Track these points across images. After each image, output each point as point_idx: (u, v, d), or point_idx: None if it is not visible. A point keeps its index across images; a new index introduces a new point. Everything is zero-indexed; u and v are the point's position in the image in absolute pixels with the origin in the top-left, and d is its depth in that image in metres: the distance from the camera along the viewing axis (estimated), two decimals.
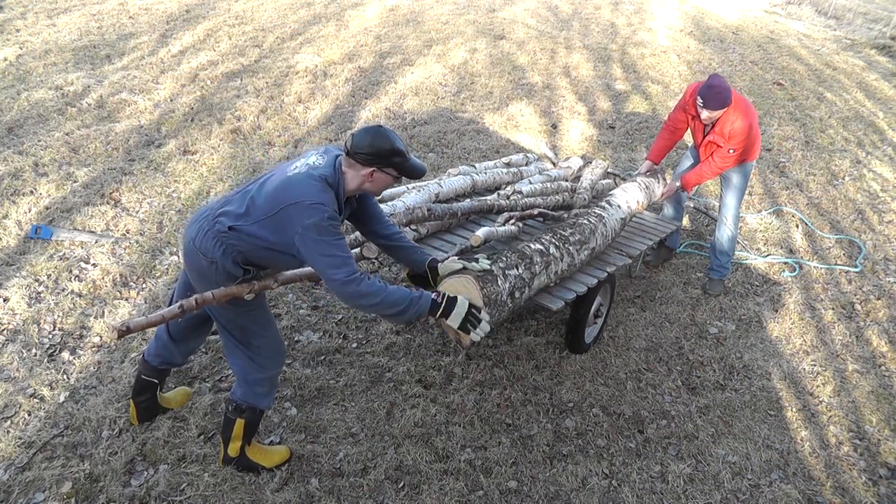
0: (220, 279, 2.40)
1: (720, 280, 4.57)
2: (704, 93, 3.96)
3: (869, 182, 6.38)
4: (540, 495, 2.92)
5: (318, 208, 2.26)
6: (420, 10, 9.94)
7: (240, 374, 2.67)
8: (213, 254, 2.36)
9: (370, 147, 2.33)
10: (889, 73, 10.07)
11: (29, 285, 3.79)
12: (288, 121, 6.22)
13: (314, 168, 2.37)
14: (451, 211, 3.37)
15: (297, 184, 2.32)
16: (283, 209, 2.28)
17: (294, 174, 2.36)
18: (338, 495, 2.80)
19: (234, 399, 2.70)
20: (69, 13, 8.37)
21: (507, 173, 4.26)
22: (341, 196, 2.39)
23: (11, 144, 5.22)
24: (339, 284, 2.29)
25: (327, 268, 2.28)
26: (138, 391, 2.97)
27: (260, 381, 2.67)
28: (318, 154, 2.44)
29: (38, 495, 2.65)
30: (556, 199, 4.05)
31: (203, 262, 2.39)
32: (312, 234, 2.25)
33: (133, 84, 6.52)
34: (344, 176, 2.39)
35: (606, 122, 7.01)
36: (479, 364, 3.63)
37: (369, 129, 2.37)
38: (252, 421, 2.75)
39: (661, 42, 9.87)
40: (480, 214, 3.68)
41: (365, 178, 2.39)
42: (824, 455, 3.31)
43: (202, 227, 2.39)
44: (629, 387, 3.62)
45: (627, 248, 3.82)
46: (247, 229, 2.33)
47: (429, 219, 3.32)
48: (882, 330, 4.31)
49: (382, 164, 2.37)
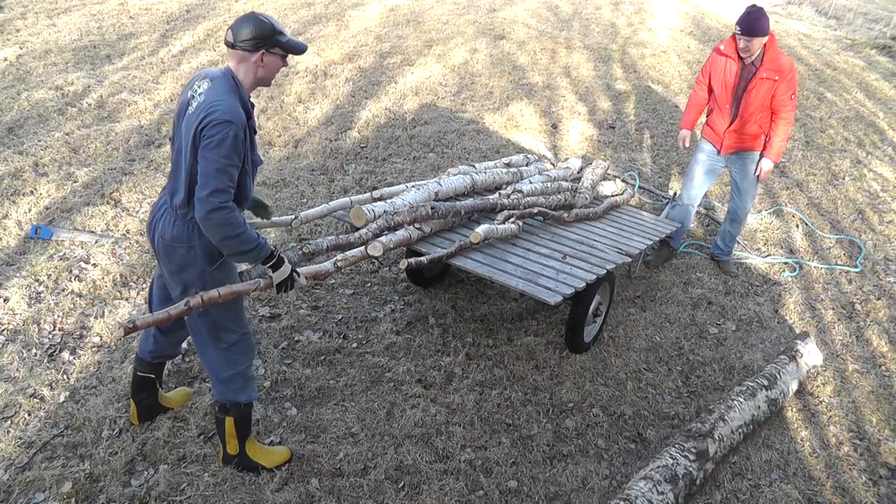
0: (199, 262, 2.43)
1: (729, 261, 4.79)
2: (744, 20, 3.88)
3: (869, 182, 6.38)
4: (540, 495, 2.92)
5: (224, 126, 2.24)
6: (420, 11, 9.94)
7: (212, 373, 2.68)
8: (191, 239, 2.39)
9: (253, 31, 2.36)
10: (889, 73, 10.07)
11: (29, 285, 3.79)
12: (288, 121, 6.22)
13: (208, 91, 2.34)
14: (454, 209, 3.38)
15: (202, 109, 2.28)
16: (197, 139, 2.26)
17: (193, 109, 2.32)
18: (338, 495, 2.80)
19: (216, 399, 2.71)
20: (69, 13, 8.37)
21: (507, 173, 4.26)
22: (245, 98, 2.41)
23: (11, 144, 5.22)
24: (213, 208, 2.24)
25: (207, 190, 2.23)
26: (137, 389, 2.97)
27: (232, 378, 2.66)
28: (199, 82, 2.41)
29: (38, 495, 2.66)
30: (558, 199, 4.05)
31: (181, 251, 2.41)
32: (214, 147, 2.23)
33: (133, 84, 6.52)
34: (237, 76, 2.40)
35: (606, 122, 7.01)
36: (479, 364, 3.63)
37: (244, 17, 2.41)
38: (240, 416, 2.74)
39: (661, 42, 9.87)
40: (483, 213, 3.68)
41: (257, 65, 2.40)
42: (824, 455, 3.31)
43: (167, 220, 2.41)
44: (629, 387, 3.62)
45: (627, 248, 3.83)
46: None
47: (433, 217, 3.32)
48: (882, 330, 4.31)
49: (269, 45, 2.39)
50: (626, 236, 4.01)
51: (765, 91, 4.04)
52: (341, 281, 4.20)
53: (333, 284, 4.16)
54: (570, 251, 3.62)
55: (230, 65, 2.42)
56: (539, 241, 3.68)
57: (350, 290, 4.13)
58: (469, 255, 3.45)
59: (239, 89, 2.38)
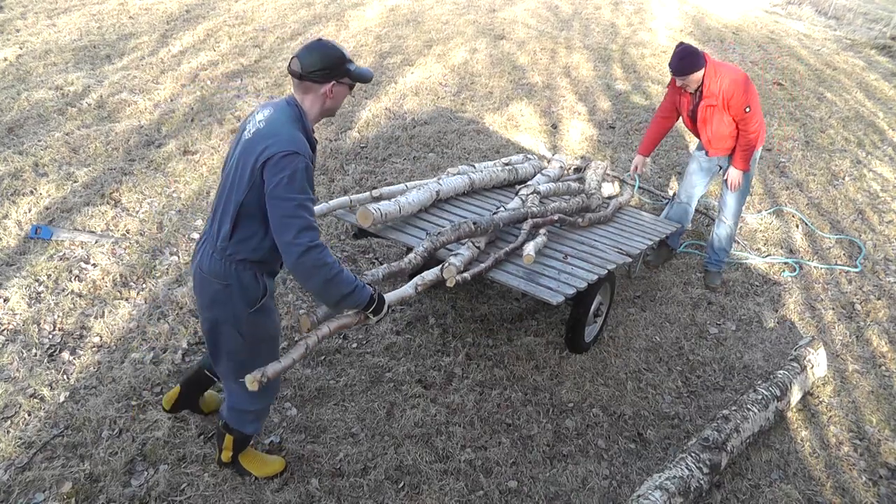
0: (235, 302, 2.31)
1: (718, 272, 4.65)
2: (673, 63, 4.05)
3: (869, 182, 6.38)
4: (540, 495, 2.92)
5: (292, 159, 2.09)
6: (420, 11, 9.94)
7: (229, 399, 2.62)
8: (228, 277, 2.27)
9: (323, 61, 2.21)
10: (889, 73, 10.07)
11: (29, 285, 3.79)
12: None
13: (270, 120, 2.20)
14: (493, 223, 3.39)
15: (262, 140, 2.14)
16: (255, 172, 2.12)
17: (250, 139, 2.20)
18: (338, 495, 2.80)
19: (222, 418, 2.67)
20: (69, 13, 8.37)
21: (504, 171, 4.28)
22: (310, 130, 2.27)
23: (11, 144, 5.22)
24: (303, 251, 2.09)
25: (292, 232, 2.09)
26: (191, 382, 2.88)
27: (245, 412, 2.61)
28: (261, 111, 2.27)
29: (38, 495, 2.66)
30: (577, 202, 4.05)
31: (216, 286, 2.30)
32: (282, 191, 2.08)
33: (133, 84, 6.52)
34: (303, 106, 2.27)
35: (606, 122, 7.01)
36: (479, 364, 3.63)
37: (310, 45, 2.24)
38: (241, 439, 2.71)
39: (661, 42, 9.86)
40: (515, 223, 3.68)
41: (325, 97, 2.27)
42: (824, 455, 3.31)
43: (206, 251, 2.32)
44: (629, 387, 3.62)
45: (627, 248, 3.83)
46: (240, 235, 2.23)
47: (475, 233, 3.33)
48: (882, 330, 4.31)
49: (339, 74, 2.25)
50: (627, 236, 4.01)
51: (715, 115, 4.18)
52: None
53: None
54: (571, 251, 3.62)
55: (296, 95, 2.28)
56: None
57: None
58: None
59: (303, 120, 2.25)
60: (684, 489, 2.76)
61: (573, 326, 3.65)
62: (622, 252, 3.75)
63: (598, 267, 3.48)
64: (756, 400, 3.29)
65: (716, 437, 3.01)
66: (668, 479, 2.77)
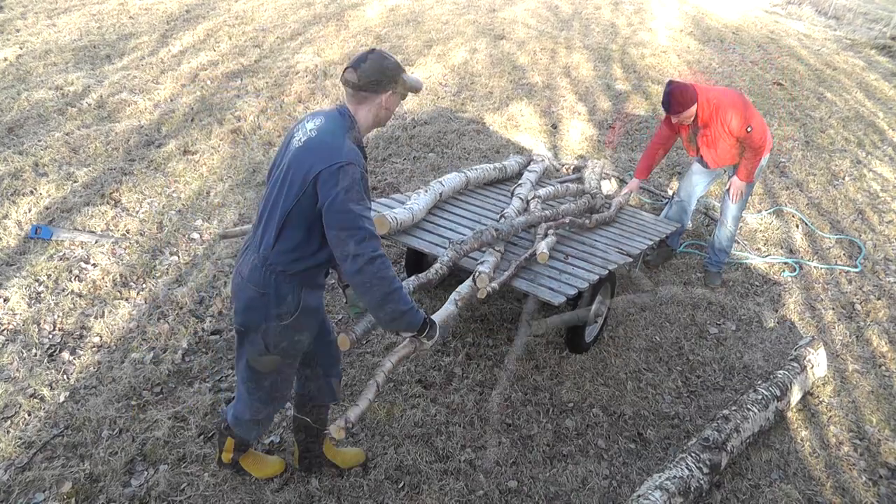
0: (269, 311, 2.26)
1: (717, 273, 4.67)
2: (665, 102, 4.14)
3: (869, 182, 6.38)
4: (540, 495, 2.92)
5: (347, 170, 2.05)
6: (420, 11, 9.94)
7: (237, 405, 2.58)
8: (266, 286, 2.22)
9: (380, 72, 2.17)
10: (889, 73, 10.07)
11: (29, 285, 3.79)
12: (288, 121, 6.22)
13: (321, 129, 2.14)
14: (513, 228, 3.41)
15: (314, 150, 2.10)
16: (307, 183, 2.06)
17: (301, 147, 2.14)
18: (338, 495, 2.80)
19: (225, 419, 2.65)
20: (69, 13, 8.37)
21: (494, 170, 4.37)
22: (360, 140, 2.23)
23: (11, 144, 5.22)
24: (366, 261, 2.04)
25: (354, 242, 2.04)
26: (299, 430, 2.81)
27: (248, 420, 2.57)
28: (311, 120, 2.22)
29: (38, 495, 2.66)
30: (584, 203, 4.06)
31: (252, 293, 2.25)
32: (340, 204, 2.03)
33: (133, 84, 6.52)
34: (356, 116, 2.22)
35: (606, 122, 7.01)
36: (479, 364, 3.63)
37: (364, 56, 2.19)
38: (242, 442, 2.70)
39: (661, 42, 9.87)
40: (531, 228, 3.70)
41: (380, 107, 2.22)
42: (824, 455, 3.31)
43: (248, 258, 2.28)
44: (629, 387, 3.62)
45: (627, 248, 3.83)
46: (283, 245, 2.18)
47: (497, 240, 3.34)
48: (882, 330, 4.31)
49: (394, 84, 2.21)
50: (627, 236, 4.01)
51: (718, 140, 4.23)
52: None
53: (333, 284, 4.15)
54: (572, 251, 3.62)
55: (349, 105, 2.23)
56: None
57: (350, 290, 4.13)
58: (471, 256, 3.46)
59: (355, 130, 2.21)
60: (684, 489, 2.76)
61: (573, 326, 3.65)
62: (622, 252, 3.75)
63: (598, 267, 3.48)
64: (756, 400, 3.29)
65: (716, 437, 3.01)
66: (668, 479, 2.77)
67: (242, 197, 4.94)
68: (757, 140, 4.16)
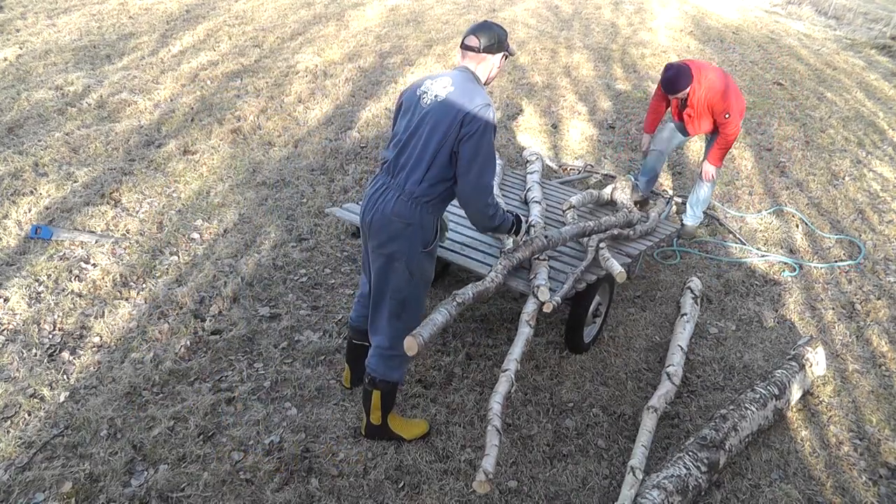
0: (413, 240, 2.62)
1: (694, 226, 5.07)
2: (665, 84, 4.50)
3: (869, 182, 6.38)
4: (540, 495, 2.92)
5: (488, 110, 2.48)
6: (421, 10, 9.94)
7: (378, 346, 2.83)
8: (412, 217, 2.58)
9: (498, 35, 2.63)
10: (889, 72, 10.07)
11: (29, 285, 3.79)
12: (288, 121, 6.22)
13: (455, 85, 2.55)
14: (562, 238, 3.42)
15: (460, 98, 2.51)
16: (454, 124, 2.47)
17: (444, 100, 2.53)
18: (338, 495, 2.80)
19: (369, 370, 2.86)
20: (69, 13, 8.37)
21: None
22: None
23: (11, 144, 5.22)
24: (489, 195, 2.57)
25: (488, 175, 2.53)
26: (353, 358, 3.21)
27: (393, 356, 2.81)
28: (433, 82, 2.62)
29: (38, 495, 2.66)
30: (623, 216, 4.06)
31: (397, 225, 2.59)
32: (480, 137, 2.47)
33: (133, 84, 6.52)
34: (478, 73, 2.65)
35: (606, 122, 7.01)
36: (479, 364, 3.63)
37: (484, 25, 2.65)
38: (387, 392, 2.89)
39: (661, 42, 9.87)
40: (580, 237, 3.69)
41: (495, 67, 2.69)
42: (824, 455, 3.31)
43: (389, 197, 2.60)
44: (629, 387, 3.62)
45: (627, 249, 3.83)
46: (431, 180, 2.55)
47: (548, 247, 3.34)
48: (882, 330, 4.31)
49: (505, 48, 2.69)
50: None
51: (702, 116, 4.62)
52: (341, 281, 4.19)
53: (333, 284, 4.16)
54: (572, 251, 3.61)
55: (469, 66, 2.66)
56: None
57: (350, 290, 4.13)
58: (471, 255, 3.46)
59: (481, 83, 2.66)
60: (682, 488, 2.76)
61: (573, 326, 3.65)
62: (622, 252, 3.75)
63: (596, 267, 3.48)
64: (754, 399, 3.30)
65: (713, 436, 3.01)
66: (665, 478, 2.77)
67: (242, 197, 4.94)
68: (730, 127, 4.54)
